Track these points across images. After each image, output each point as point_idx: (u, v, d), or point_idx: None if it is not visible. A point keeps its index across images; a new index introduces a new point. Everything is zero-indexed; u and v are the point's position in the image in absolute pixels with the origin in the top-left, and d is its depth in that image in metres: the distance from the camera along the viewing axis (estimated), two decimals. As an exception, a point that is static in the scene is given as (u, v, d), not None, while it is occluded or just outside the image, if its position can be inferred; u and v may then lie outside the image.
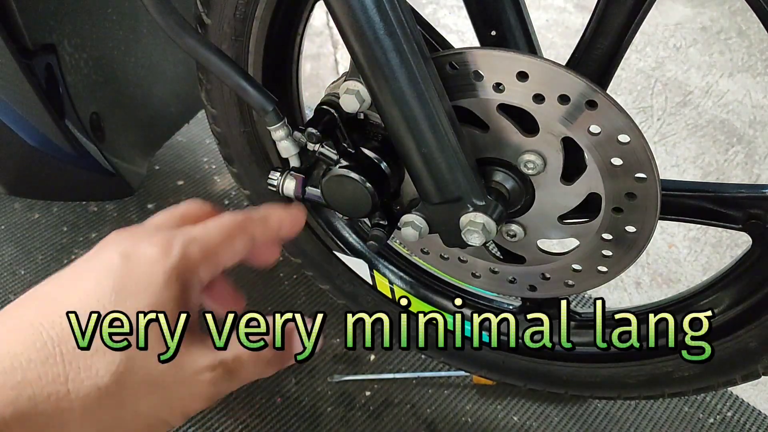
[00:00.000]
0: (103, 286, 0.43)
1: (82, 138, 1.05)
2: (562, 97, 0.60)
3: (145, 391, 0.42)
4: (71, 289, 0.43)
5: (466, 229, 0.66)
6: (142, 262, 0.44)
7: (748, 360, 0.74)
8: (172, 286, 0.44)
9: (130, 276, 0.43)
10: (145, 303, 0.43)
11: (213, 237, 0.48)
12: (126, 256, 0.44)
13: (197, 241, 0.47)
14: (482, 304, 0.90)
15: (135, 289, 0.43)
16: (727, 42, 1.78)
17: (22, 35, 0.93)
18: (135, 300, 0.43)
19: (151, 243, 0.45)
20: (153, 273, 0.44)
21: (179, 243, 0.46)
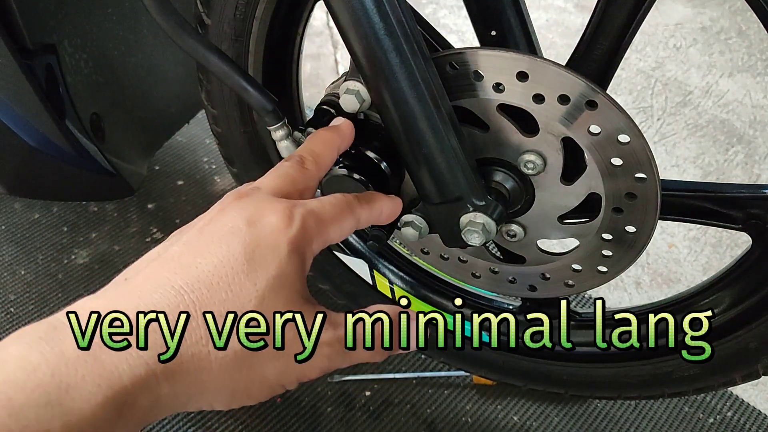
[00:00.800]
0: (235, 252, 0.44)
1: (82, 138, 1.05)
2: (562, 97, 0.60)
3: (273, 357, 0.44)
4: (204, 253, 0.44)
5: (466, 229, 0.66)
6: (267, 231, 0.46)
7: (748, 360, 0.74)
8: (294, 257, 0.46)
9: (258, 244, 0.45)
10: (273, 273, 0.44)
11: (328, 212, 0.50)
12: (251, 223, 0.46)
13: (314, 214, 0.49)
14: (482, 304, 0.90)
15: (263, 257, 0.45)
16: (727, 42, 1.78)
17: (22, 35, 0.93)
18: (264, 270, 0.44)
19: (274, 211, 0.47)
20: (278, 242, 0.45)
21: (299, 214, 0.47)
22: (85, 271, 1.20)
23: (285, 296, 0.45)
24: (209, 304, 0.42)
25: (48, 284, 1.18)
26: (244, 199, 0.49)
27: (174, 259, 0.44)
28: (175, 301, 0.42)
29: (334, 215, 0.51)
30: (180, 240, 0.46)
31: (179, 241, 0.46)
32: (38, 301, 1.16)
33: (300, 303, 0.46)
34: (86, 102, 1.05)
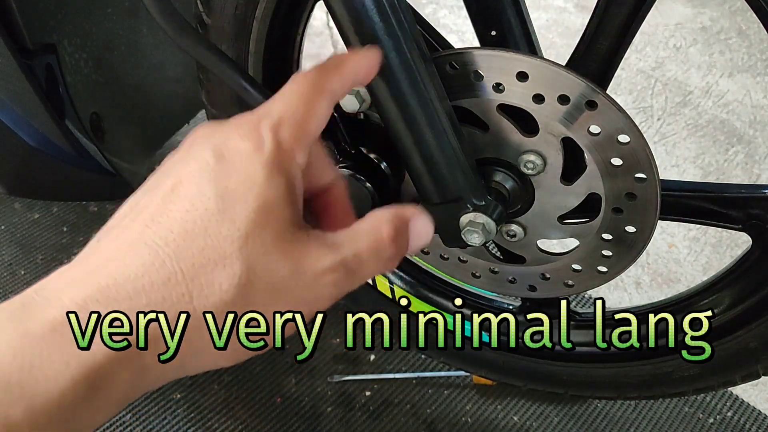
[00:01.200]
0: (205, 192, 0.39)
1: (82, 138, 1.05)
2: (562, 98, 0.60)
3: (270, 300, 0.40)
4: (174, 200, 0.39)
5: (466, 229, 0.66)
6: (237, 160, 0.40)
7: (748, 360, 0.74)
8: (275, 181, 0.40)
9: (229, 176, 0.40)
10: (253, 206, 0.39)
11: (298, 111, 0.43)
12: (219, 155, 0.40)
13: (284, 121, 0.42)
14: (482, 304, 0.90)
15: (238, 191, 0.39)
16: (727, 42, 1.78)
17: (22, 35, 0.93)
18: (243, 205, 0.39)
19: (240, 136, 0.41)
20: (251, 170, 0.40)
21: (267, 130, 0.41)
22: (85, 271, 1.20)
23: (272, 230, 0.40)
24: (187, 256, 0.38)
25: (48, 284, 1.18)
26: (210, 126, 0.43)
27: (143, 212, 0.40)
28: (150, 258, 0.37)
29: (305, 109, 0.43)
30: (147, 188, 0.42)
31: (147, 189, 0.42)
32: (38, 301, 1.16)
33: (291, 233, 0.40)
34: (86, 102, 1.05)
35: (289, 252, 0.40)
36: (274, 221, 0.40)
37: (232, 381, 1.10)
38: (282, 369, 1.11)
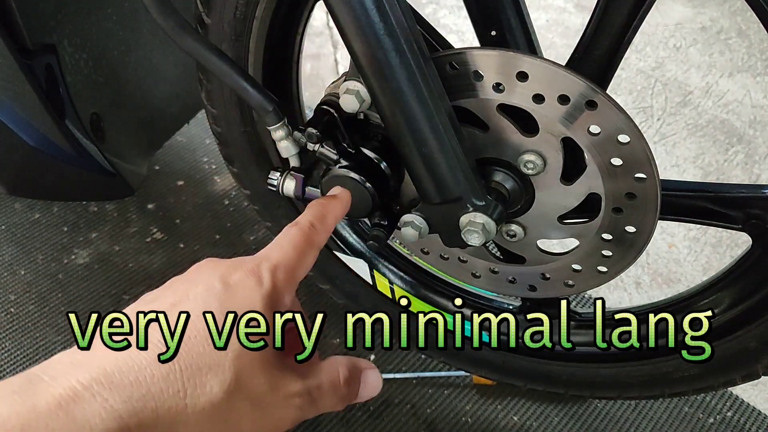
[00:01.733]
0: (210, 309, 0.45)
1: (82, 138, 1.05)
2: (562, 98, 0.60)
3: (248, 410, 0.45)
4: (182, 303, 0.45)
5: (466, 229, 0.66)
6: (240, 290, 0.47)
7: (748, 360, 0.74)
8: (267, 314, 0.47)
9: (233, 300, 0.46)
10: None
11: (291, 259, 0.51)
12: (225, 283, 0.47)
13: (281, 267, 0.50)
14: (482, 304, 0.90)
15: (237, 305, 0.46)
16: (727, 42, 1.78)
17: (22, 35, 0.93)
18: None
19: (245, 272, 0.48)
20: (253, 300, 0.47)
21: (267, 272, 0.49)
22: (85, 271, 1.20)
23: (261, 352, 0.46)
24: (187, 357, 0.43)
25: (48, 284, 1.18)
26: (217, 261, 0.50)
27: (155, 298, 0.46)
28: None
29: (297, 258, 0.52)
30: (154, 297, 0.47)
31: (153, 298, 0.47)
32: (38, 301, 1.16)
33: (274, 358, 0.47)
34: (86, 102, 1.05)
35: (269, 372, 0.46)
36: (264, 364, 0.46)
37: (232, 381, 1.10)
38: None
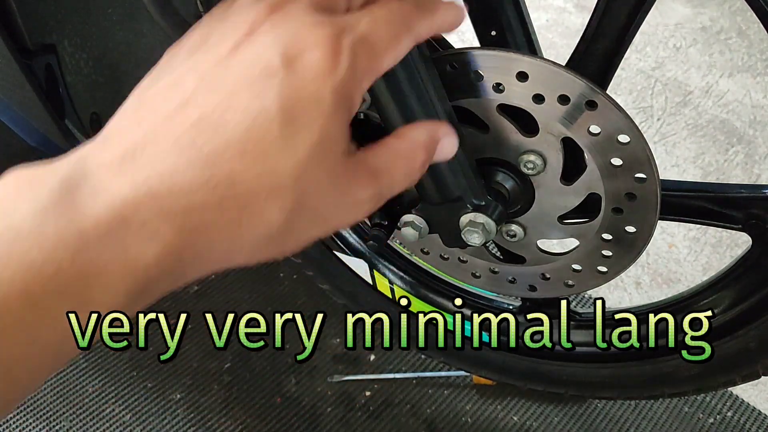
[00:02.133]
0: (270, 108, 0.36)
1: (82, 138, 1.05)
2: (562, 98, 0.60)
3: (309, 226, 0.39)
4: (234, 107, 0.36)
5: (466, 229, 0.66)
6: (308, 76, 0.36)
7: (748, 360, 0.74)
8: (339, 114, 0.37)
9: (298, 95, 0.36)
10: (315, 137, 0.36)
11: (382, 39, 0.39)
12: (288, 61, 0.36)
13: (366, 44, 0.38)
14: (482, 304, 0.90)
15: (304, 116, 0.36)
16: (727, 42, 1.78)
17: (22, 35, 0.93)
18: (306, 135, 0.36)
19: (317, 43, 0.37)
20: (322, 95, 0.37)
21: (348, 48, 0.37)
22: (85, 271, 1.20)
23: (328, 164, 0.38)
24: (243, 180, 0.35)
25: (48, 284, 1.18)
26: (279, 18, 0.38)
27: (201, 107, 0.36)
28: (202, 175, 0.34)
29: (389, 41, 0.40)
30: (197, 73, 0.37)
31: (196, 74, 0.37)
32: (38, 301, 1.16)
33: (342, 165, 0.38)
34: (86, 102, 1.05)
35: (337, 185, 0.39)
36: (330, 155, 0.38)
37: (232, 381, 1.10)
38: (282, 369, 1.11)
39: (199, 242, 0.35)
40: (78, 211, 0.32)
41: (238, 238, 0.36)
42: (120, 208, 0.33)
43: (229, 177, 0.35)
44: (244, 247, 0.37)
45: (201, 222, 0.34)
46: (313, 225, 0.39)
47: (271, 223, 0.36)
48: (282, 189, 0.36)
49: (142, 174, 0.34)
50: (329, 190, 0.38)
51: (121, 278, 0.33)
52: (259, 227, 0.36)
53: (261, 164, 0.35)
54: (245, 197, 0.35)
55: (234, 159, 0.35)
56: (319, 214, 0.39)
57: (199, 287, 1.19)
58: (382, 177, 0.41)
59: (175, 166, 0.34)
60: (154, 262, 0.33)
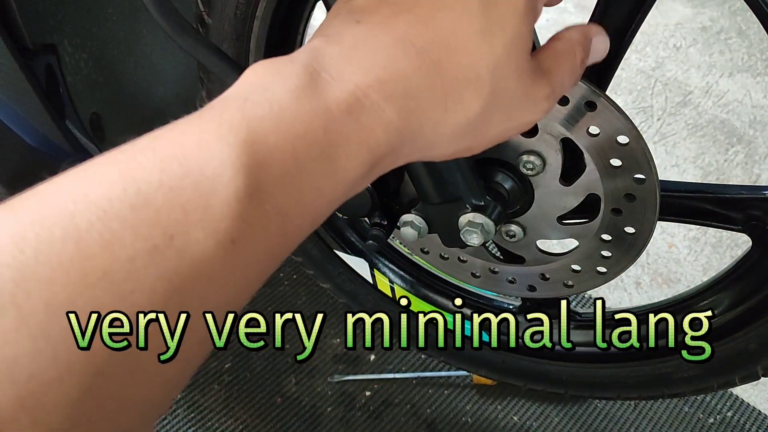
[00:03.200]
0: (472, 7, 0.41)
1: (82, 138, 1.05)
2: (562, 98, 0.60)
3: (499, 118, 0.43)
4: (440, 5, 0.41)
5: (465, 229, 0.66)
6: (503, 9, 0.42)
7: (747, 361, 0.74)
8: (529, 17, 0.42)
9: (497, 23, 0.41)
10: (509, 35, 0.42)
11: None
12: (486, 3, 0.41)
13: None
14: (482, 304, 0.91)
15: (501, 18, 0.41)
16: (727, 42, 1.78)
17: (22, 35, 0.93)
18: (502, 31, 0.41)
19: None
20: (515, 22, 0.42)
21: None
22: (85, 271, 1.20)
23: (516, 60, 0.42)
24: (448, 68, 0.40)
25: (48, 284, 1.18)
26: None
27: (412, 9, 0.40)
28: (417, 63, 0.39)
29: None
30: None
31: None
32: (38, 301, 1.16)
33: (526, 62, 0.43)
34: (86, 102, 1.05)
35: (522, 80, 0.43)
36: (519, 52, 0.42)
37: (232, 381, 1.10)
38: (282, 369, 1.11)
39: (414, 122, 0.40)
40: (323, 94, 0.37)
41: (443, 121, 0.41)
42: (354, 90, 0.38)
43: (437, 65, 0.40)
44: (445, 133, 0.42)
45: (416, 104, 0.40)
46: (503, 118, 0.44)
47: (470, 109, 0.41)
48: (480, 79, 0.41)
49: (368, 63, 0.39)
50: (517, 85, 0.43)
51: (360, 148, 0.38)
52: (460, 113, 0.41)
53: (463, 56, 0.40)
54: (450, 83, 0.40)
55: (441, 50, 0.40)
56: (508, 108, 0.43)
57: (199, 287, 1.19)
58: (553, 76, 0.45)
59: (395, 57, 0.39)
60: (384, 138, 0.39)
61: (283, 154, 0.35)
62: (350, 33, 0.41)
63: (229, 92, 0.37)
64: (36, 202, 0.30)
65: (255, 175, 0.33)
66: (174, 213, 0.31)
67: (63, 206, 0.30)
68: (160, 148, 0.33)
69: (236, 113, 0.35)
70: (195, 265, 0.31)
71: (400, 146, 0.40)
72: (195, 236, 0.31)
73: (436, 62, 0.40)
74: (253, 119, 0.35)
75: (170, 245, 0.31)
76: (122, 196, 0.30)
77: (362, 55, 0.39)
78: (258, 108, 0.35)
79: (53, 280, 0.28)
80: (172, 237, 0.31)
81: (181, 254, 0.31)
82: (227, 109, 0.35)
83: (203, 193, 0.32)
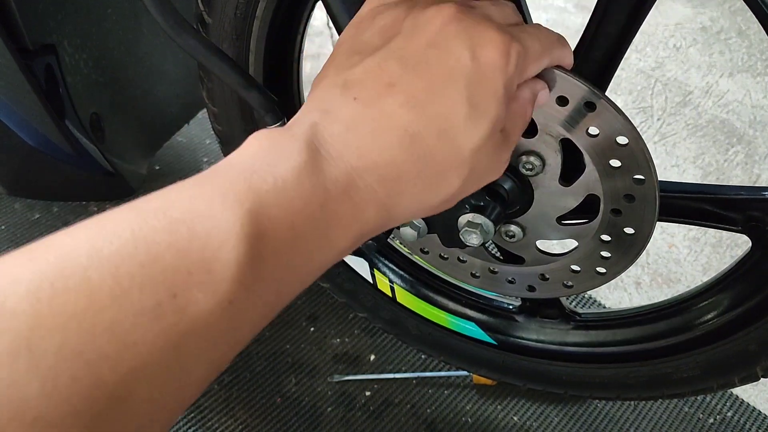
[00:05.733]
0: (461, 97, 0.44)
1: (82, 138, 1.05)
2: (561, 99, 0.60)
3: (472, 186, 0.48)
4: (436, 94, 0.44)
5: (464, 229, 0.66)
6: (488, 70, 0.45)
7: (747, 362, 0.74)
8: (504, 100, 0.46)
9: (479, 85, 0.45)
10: (491, 121, 0.45)
11: (535, 53, 0.49)
12: (474, 57, 0.45)
13: (527, 53, 0.47)
14: (482, 304, 0.91)
15: (484, 104, 0.45)
16: (727, 42, 1.78)
17: (22, 35, 0.93)
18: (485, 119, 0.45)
19: (494, 44, 0.45)
20: (496, 86, 0.45)
21: (515, 51, 0.46)
22: (85, 271, 1.20)
23: (493, 141, 0.46)
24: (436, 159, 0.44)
25: (48, 284, 1.18)
26: (466, 20, 0.46)
27: (406, 91, 0.44)
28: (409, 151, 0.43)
29: (537, 58, 0.49)
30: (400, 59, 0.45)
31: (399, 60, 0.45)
32: (38, 301, 1.16)
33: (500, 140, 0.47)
34: (86, 102, 1.05)
35: (494, 155, 0.48)
36: (496, 134, 0.47)
37: (232, 381, 1.10)
38: (282, 369, 1.11)
39: (402, 202, 0.44)
40: (322, 173, 0.41)
41: (428, 199, 0.45)
42: (351, 172, 0.42)
43: (428, 153, 0.44)
44: (431, 206, 0.46)
45: (406, 187, 0.44)
46: (474, 185, 0.48)
47: (451, 187, 0.46)
48: (463, 163, 0.45)
49: (365, 147, 0.42)
50: (491, 158, 0.47)
51: (352, 224, 0.42)
52: (443, 191, 0.46)
53: (451, 143, 0.44)
54: (438, 168, 0.44)
55: (432, 138, 0.44)
56: (480, 177, 0.48)
57: (199, 287, 1.19)
58: (511, 137, 0.50)
59: (390, 143, 0.43)
60: (374, 215, 0.43)
61: (283, 227, 0.38)
62: (348, 112, 0.43)
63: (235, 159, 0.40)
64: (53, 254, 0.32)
65: (256, 243, 0.36)
66: (179, 274, 0.33)
67: (78, 261, 0.32)
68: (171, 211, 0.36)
69: (243, 185, 0.38)
70: (194, 323, 0.34)
71: (387, 221, 0.44)
72: (196, 296, 0.34)
73: (427, 151, 0.43)
74: (258, 192, 0.37)
75: (173, 303, 0.33)
76: (133, 254, 0.33)
77: (360, 137, 0.42)
78: (263, 182, 0.38)
79: (66, 329, 0.30)
80: (176, 296, 0.33)
81: (182, 312, 0.33)
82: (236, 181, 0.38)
83: (207, 257, 0.34)
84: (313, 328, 1.15)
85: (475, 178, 0.47)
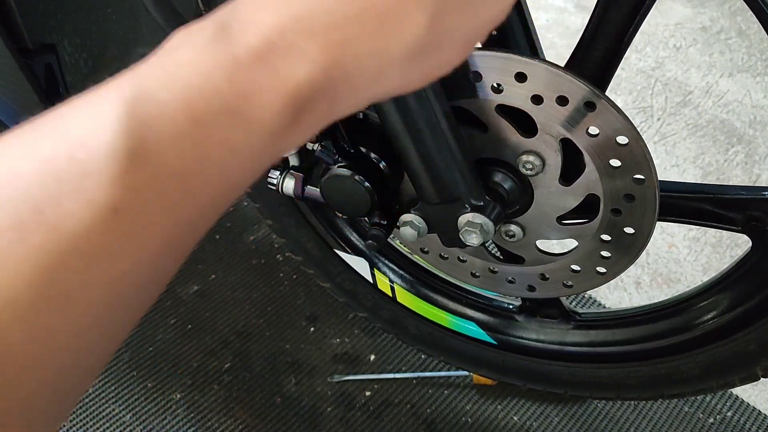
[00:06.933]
0: None
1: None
2: (561, 99, 0.60)
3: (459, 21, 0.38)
4: None
5: (464, 229, 0.66)
6: None
7: (747, 362, 0.74)
8: None
9: None
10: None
11: None
12: None
13: None
14: (482, 304, 0.90)
15: None
16: (727, 42, 1.78)
17: (22, 35, 0.93)
18: None
19: None
20: None
21: None
22: (85, 271, 1.20)
23: None
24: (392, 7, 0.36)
25: (48, 284, 1.18)
26: None
27: None
28: None
29: None
30: None
31: None
32: (38, 301, 1.16)
33: None
34: (86, 102, 1.05)
35: None
36: None
37: (232, 381, 1.10)
38: (282, 369, 1.11)
39: (344, 58, 0.35)
40: (231, 43, 0.34)
41: (385, 49, 0.36)
42: (267, 33, 0.34)
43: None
44: (394, 60, 0.37)
45: (344, 37, 0.35)
46: (463, 19, 0.38)
47: (415, 25, 0.36)
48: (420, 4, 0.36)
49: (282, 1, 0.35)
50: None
51: (276, 95, 0.34)
52: (404, 34, 0.36)
53: None
54: (382, 4, 0.35)
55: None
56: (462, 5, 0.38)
57: (199, 287, 1.19)
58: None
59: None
60: (305, 80, 0.35)
61: (175, 111, 0.32)
62: None
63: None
64: None
65: (139, 135, 0.31)
66: (45, 186, 0.29)
67: None
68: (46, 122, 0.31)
69: (128, 74, 0.32)
70: (70, 239, 0.29)
71: (334, 86, 0.36)
72: (69, 208, 0.29)
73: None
74: (144, 78, 0.32)
75: (39, 219, 0.29)
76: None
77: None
78: (151, 68, 0.33)
79: None
80: (42, 212, 0.29)
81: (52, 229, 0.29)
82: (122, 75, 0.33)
83: (80, 159, 0.30)
84: (313, 328, 1.15)
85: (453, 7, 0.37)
